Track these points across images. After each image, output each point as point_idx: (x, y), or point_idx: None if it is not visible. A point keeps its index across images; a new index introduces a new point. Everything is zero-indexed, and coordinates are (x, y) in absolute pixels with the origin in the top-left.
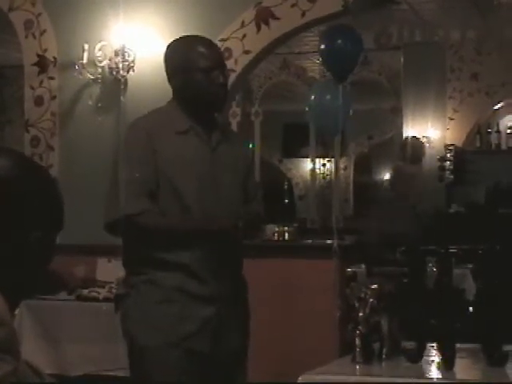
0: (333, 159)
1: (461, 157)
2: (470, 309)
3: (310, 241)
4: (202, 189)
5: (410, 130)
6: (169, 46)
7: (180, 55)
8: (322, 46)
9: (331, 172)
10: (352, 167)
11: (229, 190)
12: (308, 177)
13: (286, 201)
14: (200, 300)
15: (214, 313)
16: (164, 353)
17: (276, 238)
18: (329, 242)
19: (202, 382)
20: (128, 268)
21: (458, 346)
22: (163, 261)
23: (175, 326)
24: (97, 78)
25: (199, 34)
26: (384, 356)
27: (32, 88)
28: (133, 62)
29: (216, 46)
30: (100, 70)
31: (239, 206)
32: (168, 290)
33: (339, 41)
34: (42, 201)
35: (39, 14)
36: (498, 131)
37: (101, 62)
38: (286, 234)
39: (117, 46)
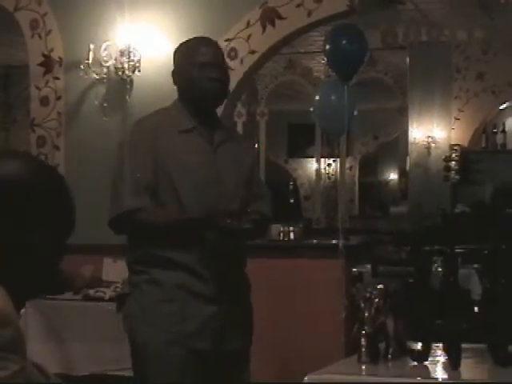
0: (338, 159)
1: (466, 157)
2: (476, 309)
3: (315, 241)
4: (202, 187)
5: (415, 130)
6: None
7: (180, 54)
8: (327, 47)
9: (336, 172)
10: (357, 167)
11: (230, 189)
12: (313, 177)
13: (292, 201)
14: (202, 299)
15: (216, 312)
16: (166, 352)
17: (281, 237)
18: (334, 241)
19: (204, 381)
20: (130, 267)
21: (463, 345)
22: (165, 260)
23: (177, 325)
24: (102, 78)
25: (204, 34)
26: (390, 356)
27: (38, 88)
28: (138, 61)
29: (215, 43)
30: (105, 69)
31: (242, 205)
32: (170, 289)
33: (344, 41)
34: (53, 201)
35: (45, 14)
36: (504, 131)
37: (106, 61)
38: (292, 234)
39: (122, 45)
